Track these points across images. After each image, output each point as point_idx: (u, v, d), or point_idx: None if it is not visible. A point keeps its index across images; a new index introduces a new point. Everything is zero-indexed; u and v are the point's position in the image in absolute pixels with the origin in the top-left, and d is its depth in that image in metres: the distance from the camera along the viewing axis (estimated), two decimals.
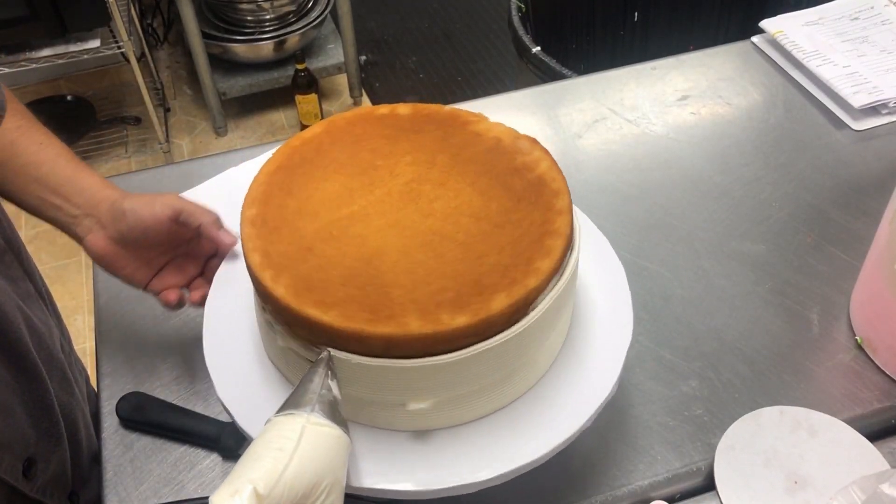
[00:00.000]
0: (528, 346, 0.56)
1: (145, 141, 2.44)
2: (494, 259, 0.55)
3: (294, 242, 0.57)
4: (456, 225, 0.58)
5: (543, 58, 1.41)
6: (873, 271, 0.74)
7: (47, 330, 0.68)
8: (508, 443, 0.57)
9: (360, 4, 2.68)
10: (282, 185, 0.61)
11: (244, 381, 0.61)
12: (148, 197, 0.67)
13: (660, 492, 0.67)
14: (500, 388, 0.58)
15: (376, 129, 0.66)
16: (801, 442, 0.68)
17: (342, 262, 0.55)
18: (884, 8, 1.14)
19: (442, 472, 0.55)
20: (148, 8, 2.64)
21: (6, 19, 1.92)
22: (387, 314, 0.52)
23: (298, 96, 2.35)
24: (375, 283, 0.54)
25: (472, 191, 0.60)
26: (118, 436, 0.71)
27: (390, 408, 0.56)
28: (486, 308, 0.52)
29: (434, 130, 0.65)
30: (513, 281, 0.53)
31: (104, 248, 0.67)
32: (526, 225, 0.57)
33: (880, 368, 0.74)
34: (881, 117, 1.00)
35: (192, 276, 0.71)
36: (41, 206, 0.67)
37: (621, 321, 0.64)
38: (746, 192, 0.92)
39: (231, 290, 0.67)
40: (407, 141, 0.65)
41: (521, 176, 0.61)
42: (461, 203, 0.60)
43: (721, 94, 1.05)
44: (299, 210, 0.59)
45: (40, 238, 2.16)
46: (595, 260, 0.68)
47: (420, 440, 0.57)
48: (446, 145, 0.64)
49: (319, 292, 0.53)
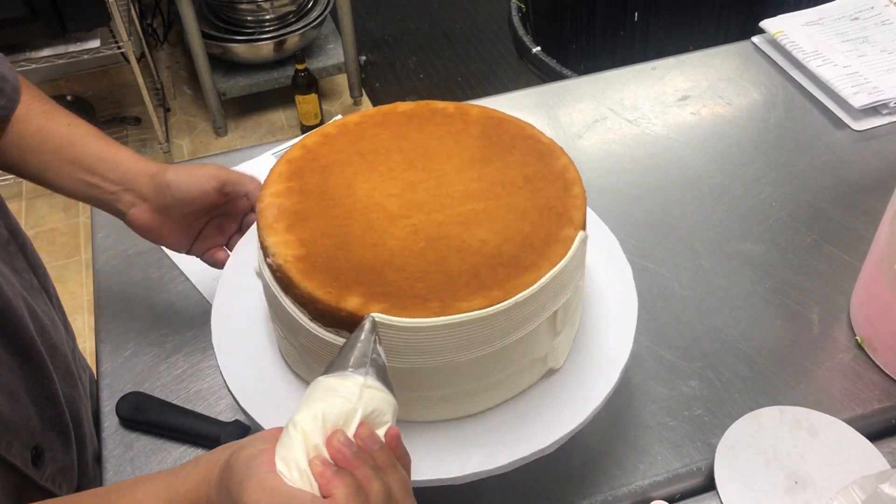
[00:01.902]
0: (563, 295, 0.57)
1: (145, 141, 2.44)
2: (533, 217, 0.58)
3: (329, 236, 0.57)
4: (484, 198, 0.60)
5: (543, 58, 1.41)
6: (873, 271, 0.74)
7: (51, 322, 0.69)
8: (530, 426, 0.58)
9: (360, 4, 2.67)
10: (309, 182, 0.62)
11: (255, 372, 0.61)
12: (190, 168, 0.68)
13: (660, 492, 0.67)
14: (518, 375, 0.58)
15: (385, 129, 0.67)
16: (801, 442, 0.68)
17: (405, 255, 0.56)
18: (884, 8, 1.14)
19: (457, 460, 0.56)
20: (148, 8, 2.64)
21: (6, 19, 1.91)
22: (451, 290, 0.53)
23: (298, 96, 2.35)
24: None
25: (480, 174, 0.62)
26: (118, 436, 0.71)
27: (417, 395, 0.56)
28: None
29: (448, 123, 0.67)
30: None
31: (149, 221, 0.69)
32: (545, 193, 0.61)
33: (880, 368, 0.74)
34: (881, 117, 1.00)
35: (230, 233, 0.74)
36: (79, 187, 0.68)
37: (627, 318, 0.65)
38: (746, 192, 0.92)
39: (240, 289, 0.67)
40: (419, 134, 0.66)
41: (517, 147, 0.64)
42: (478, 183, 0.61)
43: (721, 94, 1.05)
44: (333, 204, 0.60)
45: (40, 238, 2.16)
46: (602, 252, 0.69)
47: (434, 430, 0.58)
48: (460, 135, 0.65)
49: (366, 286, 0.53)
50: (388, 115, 0.67)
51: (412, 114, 0.67)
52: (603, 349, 0.63)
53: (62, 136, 0.68)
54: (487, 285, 0.53)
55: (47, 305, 0.71)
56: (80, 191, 0.68)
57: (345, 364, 0.47)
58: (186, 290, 0.83)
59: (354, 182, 0.61)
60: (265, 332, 0.64)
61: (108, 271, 0.85)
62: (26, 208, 2.27)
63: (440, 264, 0.55)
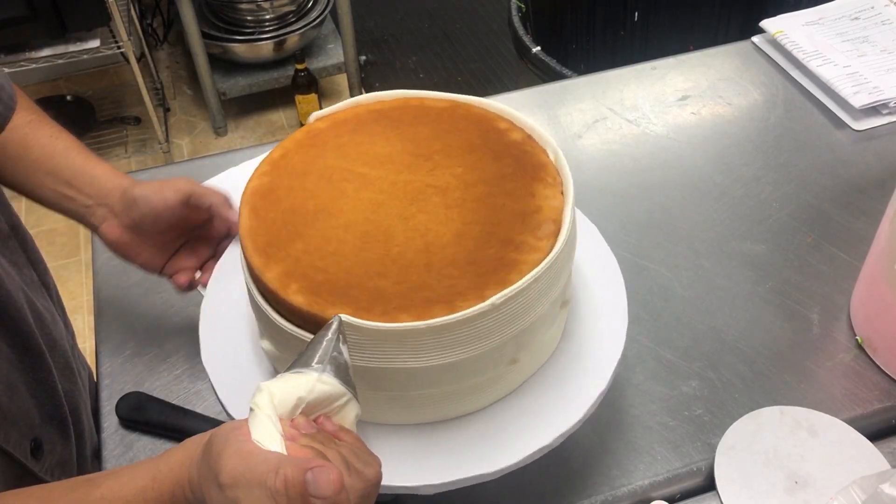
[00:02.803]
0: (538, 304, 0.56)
1: (145, 141, 2.44)
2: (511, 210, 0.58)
3: (319, 248, 0.57)
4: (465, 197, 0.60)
5: (543, 58, 1.41)
6: (873, 271, 0.74)
7: (51, 317, 0.69)
8: (521, 429, 0.58)
9: (360, 4, 2.67)
10: (275, 196, 0.61)
11: (241, 377, 0.61)
12: (158, 183, 0.68)
13: (660, 491, 0.67)
14: (507, 374, 0.58)
15: (351, 135, 0.66)
16: (801, 442, 0.68)
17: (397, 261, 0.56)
18: (884, 8, 1.14)
19: (454, 464, 0.56)
20: (148, 8, 2.64)
21: (6, 19, 1.91)
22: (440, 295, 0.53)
23: (298, 96, 2.35)
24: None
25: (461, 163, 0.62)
26: (118, 436, 0.71)
27: (396, 395, 0.56)
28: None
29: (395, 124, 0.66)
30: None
31: (119, 237, 0.68)
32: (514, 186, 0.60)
33: (880, 368, 0.74)
34: (881, 117, 1.00)
35: (205, 258, 0.73)
36: (56, 199, 0.68)
37: (618, 312, 0.64)
38: (746, 192, 0.92)
39: (227, 288, 0.67)
40: (387, 136, 0.65)
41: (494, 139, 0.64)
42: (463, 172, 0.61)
43: (721, 94, 1.05)
44: (312, 217, 0.59)
45: (40, 238, 2.16)
46: (588, 250, 0.69)
47: (426, 434, 0.58)
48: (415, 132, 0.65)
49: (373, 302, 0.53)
50: (355, 118, 0.67)
51: (379, 115, 0.67)
52: (593, 350, 0.62)
53: (44, 146, 0.68)
54: (461, 292, 0.53)
55: (47, 301, 0.71)
56: (56, 202, 0.69)
57: (306, 362, 0.49)
58: None
59: (324, 195, 0.61)
60: (251, 336, 0.64)
61: (108, 271, 0.85)
62: (26, 208, 2.27)
63: (409, 271, 0.55)
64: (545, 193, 0.59)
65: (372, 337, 0.52)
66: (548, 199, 0.59)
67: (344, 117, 0.67)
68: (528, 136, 0.64)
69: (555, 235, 0.57)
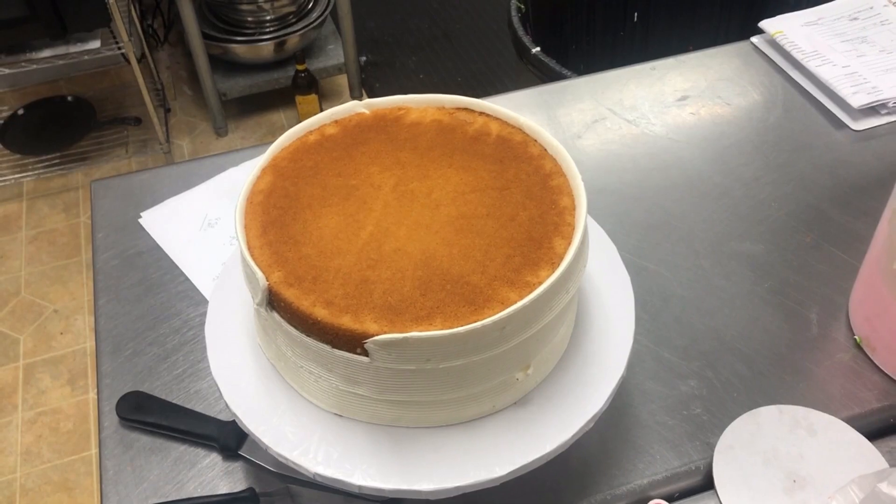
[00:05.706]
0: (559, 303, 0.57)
1: (146, 141, 2.45)
2: (525, 215, 0.58)
3: (343, 276, 0.56)
4: (469, 203, 0.59)
5: (543, 58, 1.41)
6: (872, 271, 0.74)
7: None
8: (523, 436, 0.58)
9: (360, 4, 2.67)
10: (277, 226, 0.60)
11: (246, 381, 0.61)
12: None
13: (658, 491, 0.67)
14: (512, 382, 0.58)
15: (327, 154, 0.65)
16: (800, 441, 0.68)
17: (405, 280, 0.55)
18: (883, 8, 1.14)
19: (456, 471, 0.56)
20: (148, 8, 2.65)
21: (6, 19, 1.92)
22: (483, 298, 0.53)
23: (299, 97, 2.36)
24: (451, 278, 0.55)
25: (455, 170, 0.62)
26: (118, 435, 0.71)
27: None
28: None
29: (379, 135, 0.66)
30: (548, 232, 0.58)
31: None
32: (525, 178, 0.61)
33: (879, 368, 0.74)
34: (881, 117, 1.00)
35: None
36: None
37: (625, 320, 0.64)
38: (746, 192, 0.92)
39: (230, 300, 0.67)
40: (361, 154, 0.65)
41: (483, 141, 0.64)
42: (457, 183, 0.61)
43: (721, 95, 1.05)
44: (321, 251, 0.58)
45: (41, 238, 2.17)
46: (596, 258, 0.69)
47: (426, 438, 0.58)
48: (400, 143, 0.65)
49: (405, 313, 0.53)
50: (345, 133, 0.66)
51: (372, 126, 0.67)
52: (598, 361, 0.62)
53: None
54: (487, 296, 0.53)
55: None
56: None
57: None
58: (186, 290, 0.83)
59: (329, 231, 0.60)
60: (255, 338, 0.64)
61: (108, 271, 0.85)
62: (27, 208, 2.27)
63: (423, 284, 0.55)
64: (558, 198, 0.60)
65: (400, 347, 0.51)
66: (561, 200, 0.60)
67: (358, 120, 0.67)
68: (537, 143, 0.65)
69: (569, 237, 0.57)
